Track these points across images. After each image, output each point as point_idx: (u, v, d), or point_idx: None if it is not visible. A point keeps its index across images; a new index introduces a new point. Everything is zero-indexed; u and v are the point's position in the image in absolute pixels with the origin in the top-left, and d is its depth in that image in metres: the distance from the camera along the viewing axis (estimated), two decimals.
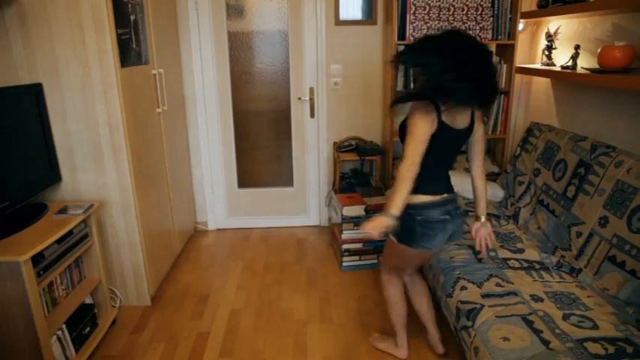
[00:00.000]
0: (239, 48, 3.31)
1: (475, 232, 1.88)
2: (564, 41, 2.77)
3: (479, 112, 1.76)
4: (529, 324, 1.63)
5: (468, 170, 2.03)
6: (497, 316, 1.69)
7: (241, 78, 3.37)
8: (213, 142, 3.46)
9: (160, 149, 2.76)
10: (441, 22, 2.90)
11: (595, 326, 1.62)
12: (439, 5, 2.87)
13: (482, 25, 2.92)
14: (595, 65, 2.30)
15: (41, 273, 1.81)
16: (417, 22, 2.89)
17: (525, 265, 2.08)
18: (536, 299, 1.79)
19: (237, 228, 3.66)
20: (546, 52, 2.84)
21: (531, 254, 2.17)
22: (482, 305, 1.77)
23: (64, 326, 1.97)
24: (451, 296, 1.91)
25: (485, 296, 1.83)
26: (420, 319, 2.13)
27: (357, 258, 2.95)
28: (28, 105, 2.05)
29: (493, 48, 3.17)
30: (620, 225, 1.89)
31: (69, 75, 2.15)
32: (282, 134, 3.51)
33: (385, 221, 1.63)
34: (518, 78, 3.16)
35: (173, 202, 2.98)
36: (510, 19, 2.92)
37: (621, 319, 1.66)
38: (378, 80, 3.36)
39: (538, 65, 2.94)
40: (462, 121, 1.69)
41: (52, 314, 1.94)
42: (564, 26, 2.76)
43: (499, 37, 2.95)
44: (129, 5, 2.31)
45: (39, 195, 2.23)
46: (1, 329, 1.76)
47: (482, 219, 1.87)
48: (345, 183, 3.32)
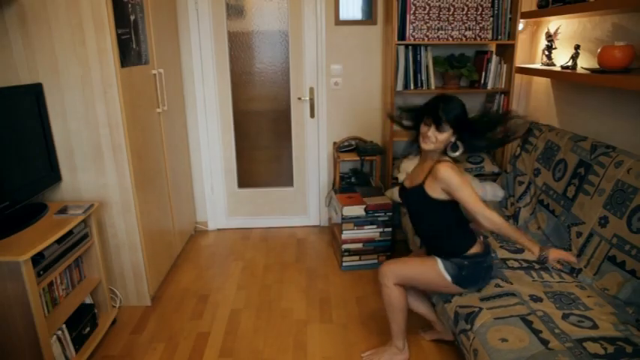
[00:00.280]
0: (239, 48, 3.31)
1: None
2: (564, 41, 2.77)
3: None
4: (528, 324, 1.63)
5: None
6: (495, 318, 1.69)
7: (241, 78, 3.37)
8: (213, 142, 3.46)
9: (160, 149, 2.76)
10: (441, 22, 2.90)
11: (595, 326, 1.62)
12: (439, 5, 2.87)
13: (482, 25, 2.92)
14: (595, 65, 2.30)
15: (41, 273, 1.81)
16: (417, 22, 2.90)
17: (525, 265, 2.08)
18: (536, 299, 1.79)
19: (237, 228, 3.67)
20: (546, 52, 2.84)
21: (531, 254, 2.17)
22: (481, 308, 1.76)
23: (64, 326, 1.97)
24: (449, 301, 1.91)
25: (484, 299, 1.82)
26: (426, 317, 2.19)
27: (357, 258, 2.95)
28: (28, 105, 2.05)
29: (493, 48, 3.17)
30: (620, 225, 1.88)
31: (69, 75, 2.15)
32: (282, 134, 3.51)
33: (562, 253, 1.74)
34: (518, 78, 3.16)
35: (173, 202, 2.98)
36: (510, 19, 2.92)
37: (621, 319, 1.66)
38: (378, 80, 3.36)
39: (538, 65, 2.94)
40: None
41: (52, 314, 1.94)
42: (564, 26, 2.76)
43: (499, 37, 2.95)
44: (129, 5, 2.31)
45: (39, 195, 2.23)
46: (1, 329, 1.76)
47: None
48: (345, 183, 3.32)
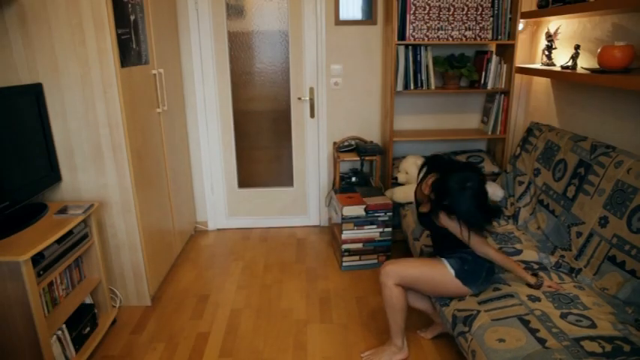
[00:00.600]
0: (239, 48, 3.31)
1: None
2: (564, 41, 2.77)
3: None
4: (525, 324, 1.63)
5: None
6: (493, 319, 1.69)
7: (241, 78, 3.38)
8: (213, 142, 3.46)
9: (160, 149, 2.77)
10: (441, 22, 2.90)
11: (593, 325, 1.62)
12: (439, 5, 2.87)
13: (482, 25, 2.92)
14: (595, 65, 2.30)
15: (41, 273, 1.81)
16: (417, 22, 2.90)
17: (523, 266, 2.07)
18: (534, 299, 1.79)
19: (237, 228, 3.67)
20: (546, 52, 2.84)
21: (529, 255, 2.17)
22: (479, 311, 1.77)
23: (64, 326, 1.97)
24: (447, 305, 1.91)
25: (482, 302, 1.83)
26: (426, 312, 2.23)
27: (357, 258, 2.95)
28: (28, 105, 2.05)
29: (493, 48, 3.17)
30: (620, 225, 1.88)
31: (69, 75, 2.15)
32: (282, 134, 3.51)
33: (553, 284, 1.90)
34: (518, 78, 3.16)
35: (173, 202, 2.98)
36: (510, 19, 2.92)
37: (620, 318, 1.66)
38: (377, 80, 3.36)
39: (538, 65, 2.94)
40: None
41: (52, 314, 1.95)
42: (564, 26, 2.76)
43: (499, 37, 2.95)
44: (129, 5, 2.31)
45: (39, 195, 2.23)
46: (1, 329, 1.77)
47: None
48: (345, 183, 3.32)
